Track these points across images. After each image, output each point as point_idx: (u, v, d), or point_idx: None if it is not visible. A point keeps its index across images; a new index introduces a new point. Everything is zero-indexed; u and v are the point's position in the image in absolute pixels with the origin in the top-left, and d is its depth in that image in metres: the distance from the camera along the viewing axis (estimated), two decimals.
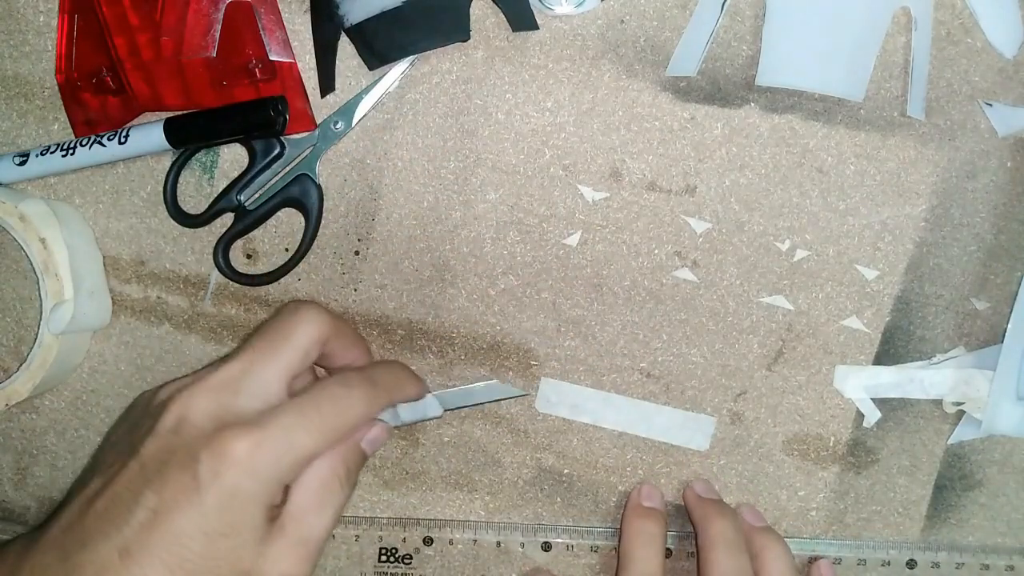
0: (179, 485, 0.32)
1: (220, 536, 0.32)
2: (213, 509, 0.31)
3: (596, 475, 0.43)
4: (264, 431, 0.32)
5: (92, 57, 0.41)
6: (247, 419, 0.33)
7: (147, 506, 0.32)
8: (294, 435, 0.33)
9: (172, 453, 0.32)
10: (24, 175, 0.42)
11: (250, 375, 0.34)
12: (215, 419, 0.33)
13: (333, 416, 0.34)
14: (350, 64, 0.41)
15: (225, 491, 0.32)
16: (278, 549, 0.33)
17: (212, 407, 0.33)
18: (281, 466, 0.33)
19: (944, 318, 0.41)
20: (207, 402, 0.33)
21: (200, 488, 0.31)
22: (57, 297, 0.41)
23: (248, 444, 0.32)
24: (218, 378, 0.34)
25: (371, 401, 0.36)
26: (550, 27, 0.40)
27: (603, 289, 0.42)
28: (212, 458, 0.32)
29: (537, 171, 0.41)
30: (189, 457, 0.32)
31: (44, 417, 0.45)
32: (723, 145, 0.41)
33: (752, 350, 0.42)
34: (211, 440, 0.32)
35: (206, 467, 0.32)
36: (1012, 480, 0.42)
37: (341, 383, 0.35)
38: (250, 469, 0.32)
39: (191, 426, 0.33)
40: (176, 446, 0.32)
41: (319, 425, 0.34)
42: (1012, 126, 0.39)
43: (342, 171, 0.42)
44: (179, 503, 0.31)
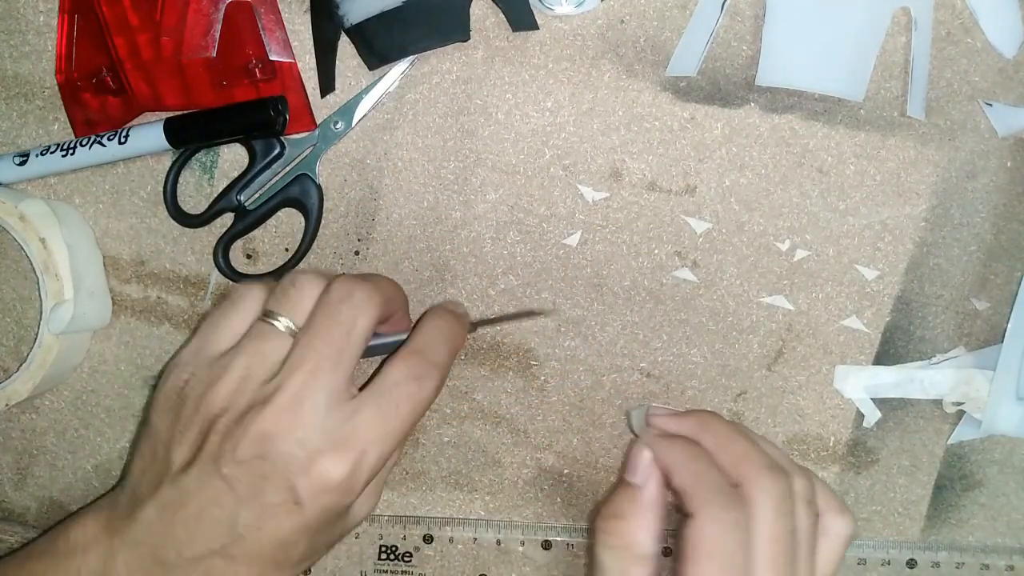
0: (278, 505, 0.33)
1: (319, 533, 0.34)
2: (314, 521, 0.33)
3: (596, 475, 0.43)
4: (356, 450, 0.33)
5: (92, 57, 0.41)
6: (334, 437, 0.33)
7: (246, 523, 0.33)
8: (383, 444, 0.34)
9: (264, 479, 0.33)
10: (24, 175, 0.42)
11: (320, 386, 0.33)
12: (301, 443, 0.33)
13: (411, 414, 0.35)
14: (350, 64, 0.41)
15: (327, 509, 0.33)
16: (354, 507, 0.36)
17: (294, 431, 0.33)
18: (374, 473, 0.34)
19: (944, 318, 0.41)
20: (287, 426, 0.33)
21: (303, 509, 0.33)
22: (57, 297, 0.41)
23: (345, 469, 0.33)
24: (288, 396, 0.33)
25: (440, 387, 0.36)
26: (550, 27, 0.40)
27: (603, 289, 0.42)
28: (311, 485, 0.33)
29: (537, 171, 0.41)
30: (285, 484, 0.33)
31: (44, 417, 0.45)
32: (723, 145, 0.41)
33: (752, 350, 0.42)
34: (307, 469, 0.33)
35: (305, 492, 0.33)
36: (1012, 480, 0.42)
37: (413, 377, 0.35)
38: (348, 489, 0.33)
39: (279, 454, 0.33)
40: (267, 472, 0.33)
41: (402, 427, 0.34)
42: (1012, 126, 0.39)
43: (342, 171, 0.42)
44: (280, 518, 0.33)
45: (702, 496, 0.33)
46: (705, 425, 0.37)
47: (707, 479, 0.34)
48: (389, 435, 0.34)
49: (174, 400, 0.35)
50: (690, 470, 0.34)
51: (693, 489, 0.33)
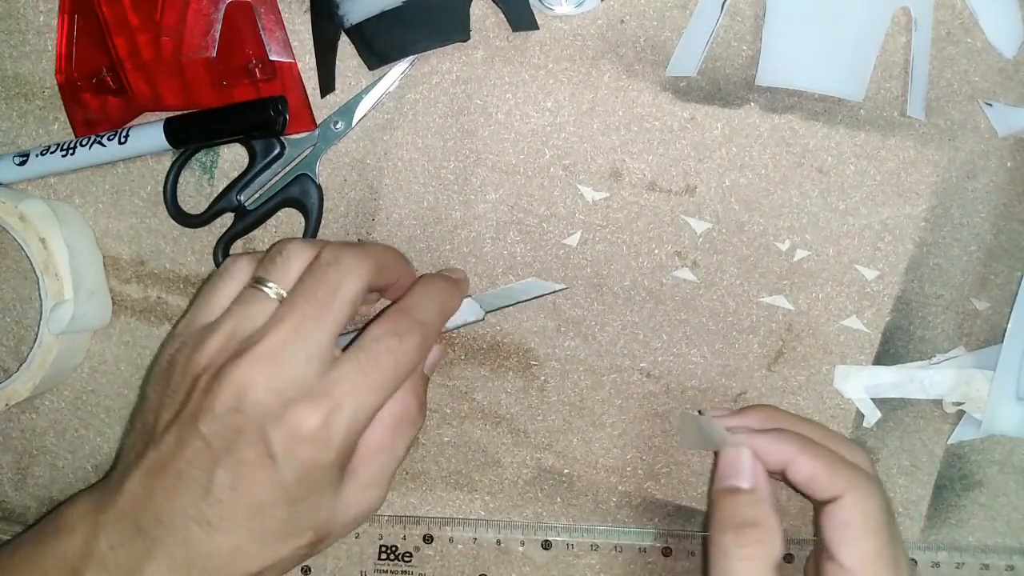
0: (254, 463, 0.32)
1: (300, 500, 0.33)
2: (292, 481, 0.32)
3: (596, 475, 0.43)
4: (331, 401, 0.32)
5: (92, 57, 0.41)
6: (310, 388, 0.32)
7: (223, 483, 0.32)
8: (361, 397, 0.33)
9: (239, 432, 0.32)
10: (24, 175, 0.42)
11: (301, 340, 0.33)
12: (277, 393, 0.32)
13: (393, 369, 0.34)
14: (350, 64, 0.41)
15: (302, 464, 0.32)
16: (352, 493, 0.34)
17: (270, 381, 0.32)
18: (353, 429, 0.33)
19: (944, 318, 0.41)
20: (264, 377, 0.32)
21: (277, 464, 0.32)
22: (57, 297, 0.41)
23: (318, 418, 0.32)
24: (268, 347, 0.33)
25: (424, 344, 0.35)
26: (550, 27, 0.40)
27: (603, 289, 0.42)
28: (284, 436, 0.32)
29: (537, 171, 0.41)
30: (259, 436, 0.32)
31: (44, 417, 0.45)
32: (723, 145, 0.41)
33: (752, 350, 0.42)
34: (280, 418, 0.32)
35: (279, 445, 0.32)
36: (1012, 480, 0.42)
37: (393, 332, 0.34)
38: (324, 441, 0.32)
39: (253, 404, 0.32)
40: (241, 425, 0.32)
41: (381, 381, 0.34)
42: (1012, 126, 0.39)
43: (342, 171, 0.42)
44: (256, 478, 0.32)
45: (844, 477, 0.34)
46: (776, 416, 0.38)
47: (837, 461, 0.35)
48: (367, 389, 0.33)
49: (164, 368, 0.35)
50: (816, 456, 0.34)
51: (831, 473, 0.34)
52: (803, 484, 0.35)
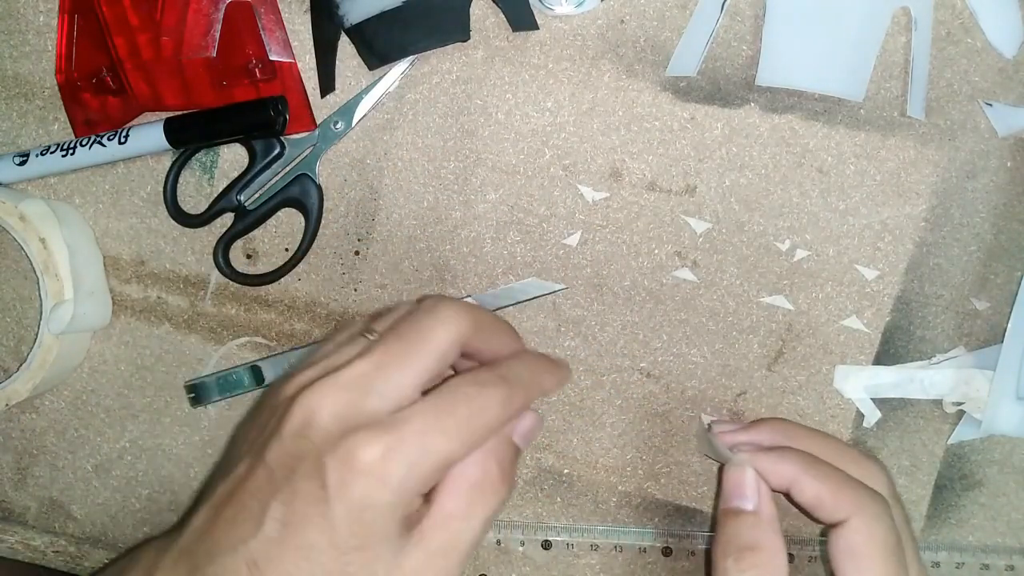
0: (307, 496, 0.29)
1: (352, 550, 0.29)
2: (343, 522, 0.29)
3: (596, 475, 0.43)
4: (394, 435, 0.30)
5: (92, 57, 0.41)
6: (376, 421, 0.30)
7: (275, 517, 0.29)
8: (428, 439, 0.30)
9: (299, 460, 0.30)
10: (24, 175, 0.42)
11: (382, 375, 0.31)
12: (342, 420, 0.30)
13: (468, 417, 0.31)
14: (350, 64, 0.41)
15: (354, 502, 0.29)
16: (417, 560, 0.30)
17: (339, 407, 0.30)
18: (415, 473, 0.30)
19: (944, 318, 0.41)
20: (334, 402, 0.30)
21: (328, 499, 0.29)
22: (57, 297, 0.41)
23: (377, 450, 0.29)
24: (347, 376, 0.31)
25: (507, 400, 0.32)
26: (550, 27, 0.40)
27: (603, 289, 0.42)
28: (339, 466, 0.29)
29: (537, 171, 0.41)
30: (316, 465, 0.29)
31: (44, 417, 0.45)
32: (723, 145, 0.41)
33: (752, 350, 0.42)
34: (337, 446, 0.29)
35: (333, 476, 0.29)
36: (1012, 480, 0.42)
37: (474, 382, 0.32)
38: (381, 477, 0.29)
39: (317, 429, 0.30)
40: (303, 451, 0.30)
41: (454, 427, 0.31)
42: (1012, 126, 0.39)
43: (342, 171, 0.42)
44: (308, 515, 0.29)
45: (850, 500, 0.32)
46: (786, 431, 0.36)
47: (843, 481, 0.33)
48: (437, 431, 0.30)
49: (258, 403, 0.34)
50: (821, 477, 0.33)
51: (836, 495, 0.32)
52: (808, 506, 0.34)
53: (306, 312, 0.43)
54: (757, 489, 0.34)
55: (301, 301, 0.43)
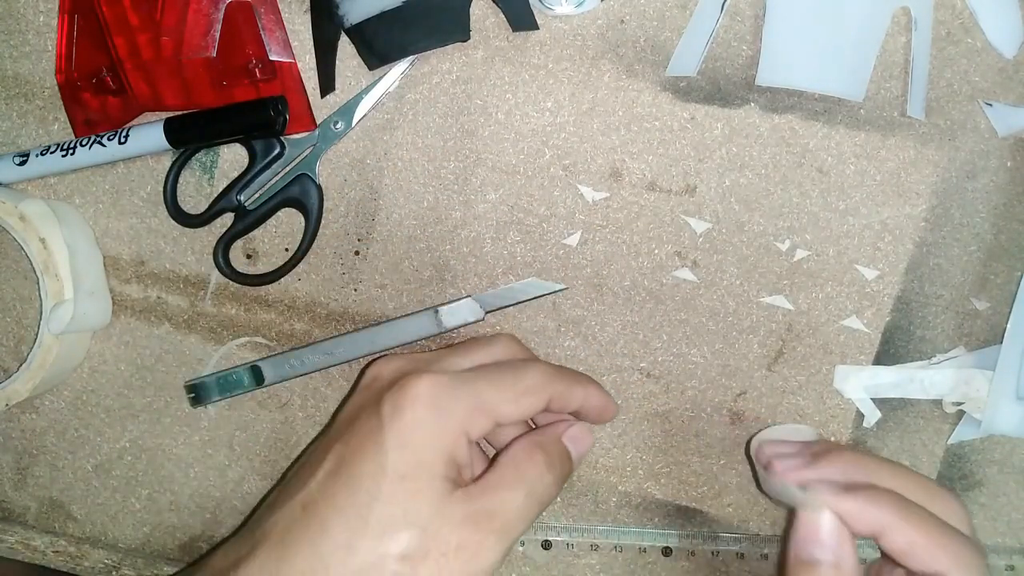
0: (364, 430, 0.32)
1: (398, 478, 0.30)
2: (393, 447, 0.31)
3: (596, 475, 0.43)
4: (448, 376, 0.33)
5: (92, 57, 0.41)
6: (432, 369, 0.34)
7: (333, 457, 0.32)
8: (477, 385, 0.33)
9: (361, 408, 0.33)
10: (24, 175, 0.42)
11: (445, 358, 0.36)
12: (404, 373, 0.33)
13: (513, 375, 0.34)
14: (350, 64, 0.41)
15: (405, 425, 0.31)
16: (460, 511, 0.31)
17: (403, 366, 0.34)
18: (462, 409, 0.32)
19: (944, 318, 0.41)
20: (398, 365, 0.35)
21: (383, 427, 0.31)
22: (57, 297, 0.41)
23: (430, 382, 0.32)
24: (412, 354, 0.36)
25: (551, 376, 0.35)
26: (550, 27, 0.40)
27: (603, 289, 0.42)
28: (394, 396, 0.32)
29: (537, 171, 0.41)
30: (374, 403, 0.32)
31: (44, 417, 0.45)
32: (723, 145, 0.41)
33: (752, 350, 0.42)
34: (395, 383, 0.33)
35: (387, 406, 0.32)
36: (1012, 480, 0.42)
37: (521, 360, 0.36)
38: (431, 404, 0.31)
39: (380, 380, 0.34)
40: (365, 399, 0.34)
41: (500, 380, 0.33)
42: (1012, 126, 0.39)
43: (342, 171, 0.42)
44: (363, 446, 0.31)
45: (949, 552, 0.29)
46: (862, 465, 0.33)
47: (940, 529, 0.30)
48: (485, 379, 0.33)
49: None
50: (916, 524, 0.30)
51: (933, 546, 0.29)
52: (895, 554, 0.30)
53: (306, 312, 0.43)
54: (838, 537, 0.30)
55: (301, 301, 0.43)
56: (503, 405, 0.33)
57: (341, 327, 0.43)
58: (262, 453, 0.45)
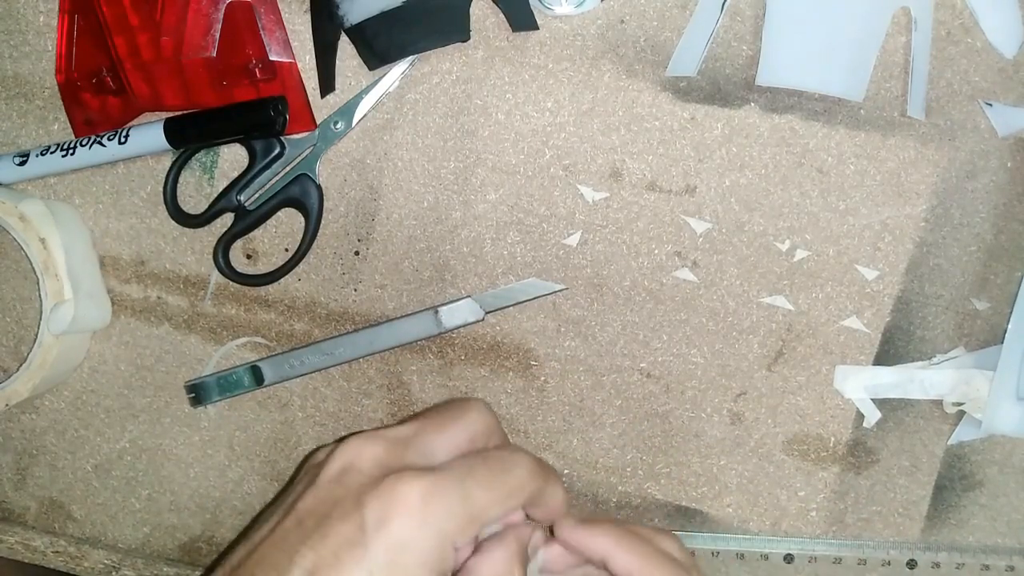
0: (342, 539, 0.28)
1: None
2: (380, 564, 0.27)
3: (596, 475, 0.43)
4: (437, 477, 0.29)
5: (92, 57, 0.41)
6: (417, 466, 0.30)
7: (303, 566, 0.27)
8: (467, 486, 0.29)
9: (334, 504, 0.29)
10: (24, 175, 0.42)
11: (421, 437, 0.31)
12: (384, 466, 0.29)
13: (502, 473, 0.31)
14: (350, 64, 0.41)
15: (394, 541, 0.28)
16: None
17: (380, 455, 0.30)
18: (454, 519, 0.29)
19: (944, 318, 0.41)
20: (374, 451, 0.30)
21: (366, 540, 0.27)
22: (57, 297, 0.41)
23: (421, 488, 0.28)
24: (389, 433, 0.31)
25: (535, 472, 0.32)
26: (550, 27, 0.40)
27: (603, 289, 0.42)
28: (380, 503, 0.28)
29: (537, 171, 0.41)
30: (354, 505, 0.28)
31: (44, 417, 0.45)
32: (723, 145, 0.41)
33: (752, 350, 0.42)
34: (379, 484, 0.28)
35: (373, 514, 0.28)
36: (1012, 480, 0.42)
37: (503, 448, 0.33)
38: (422, 517, 0.28)
39: (357, 473, 0.29)
40: (339, 496, 0.29)
41: (490, 481, 0.30)
42: (1012, 126, 0.39)
43: (342, 171, 0.42)
44: (341, 559, 0.27)
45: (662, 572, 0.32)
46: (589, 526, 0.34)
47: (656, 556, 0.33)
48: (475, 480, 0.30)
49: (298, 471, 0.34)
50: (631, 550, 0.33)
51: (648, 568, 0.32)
52: None
53: (306, 312, 0.43)
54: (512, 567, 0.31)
55: (301, 301, 0.43)
56: (492, 509, 0.30)
57: (341, 327, 0.43)
58: (262, 453, 0.45)
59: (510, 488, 0.31)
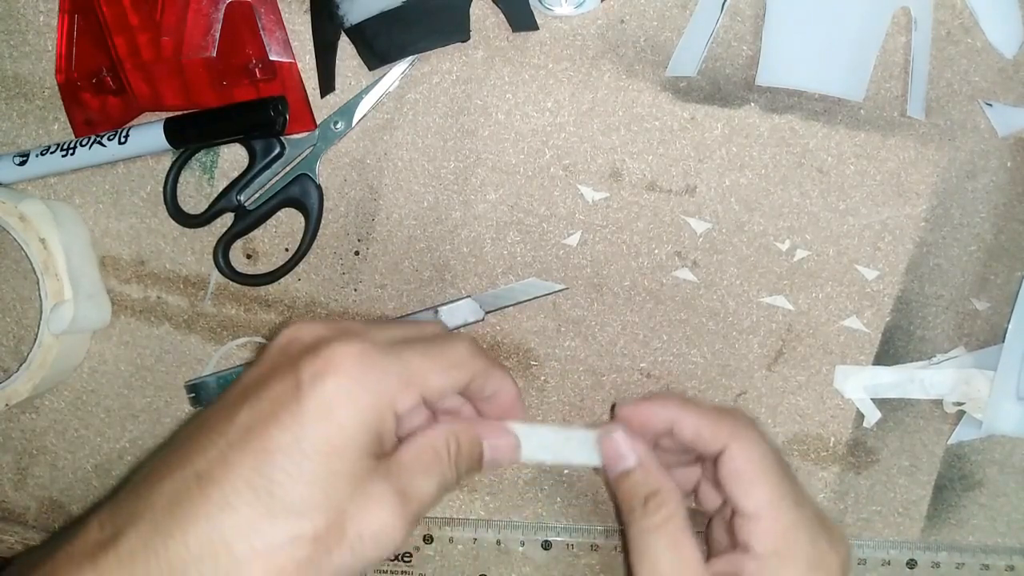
0: (278, 395, 0.28)
1: (317, 455, 0.27)
2: (313, 418, 0.28)
3: (596, 475, 0.43)
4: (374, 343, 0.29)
5: (92, 57, 0.41)
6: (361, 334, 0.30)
7: (239, 424, 0.28)
8: (404, 353, 0.30)
9: (275, 369, 0.29)
10: (24, 175, 0.42)
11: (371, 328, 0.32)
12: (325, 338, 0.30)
13: (442, 345, 0.31)
14: (350, 64, 0.41)
15: (327, 397, 0.28)
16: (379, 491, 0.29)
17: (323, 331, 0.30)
18: (390, 382, 0.29)
19: (944, 318, 0.41)
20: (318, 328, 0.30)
21: (300, 397, 0.28)
22: (57, 297, 0.41)
23: (356, 350, 0.29)
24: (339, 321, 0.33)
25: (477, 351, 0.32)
26: (550, 27, 0.40)
27: (603, 289, 0.42)
28: (315, 363, 0.28)
29: (537, 171, 0.41)
30: (291, 367, 0.29)
31: (44, 417, 0.45)
32: (723, 145, 0.41)
33: (752, 350, 0.42)
34: (317, 347, 0.29)
35: (308, 373, 0.28)
36: (1012, 480, 0.42)
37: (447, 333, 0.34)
38: (357, 375, 0.28)
39: (299, 343, 0.30)
40: (280, 362, 0.30)
41: (428, 350, 0.31)
42: (1012, 126, 0.39)
43: (342, 171, 0.42)
44: (275, 414, 0.28)
45: (727, 428, 0.34)
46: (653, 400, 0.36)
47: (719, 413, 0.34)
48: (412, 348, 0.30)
49: None
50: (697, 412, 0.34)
51: (714, 425, 0.34)
52: (690, 442, 0.34)
53: (306, 312, 0.43)
54: (633, 443, 0.34)
55: (301, 301, 0.43)
56: (431, 377, 0.30)
57: None
58: None
59: (449, 360, 0.31)
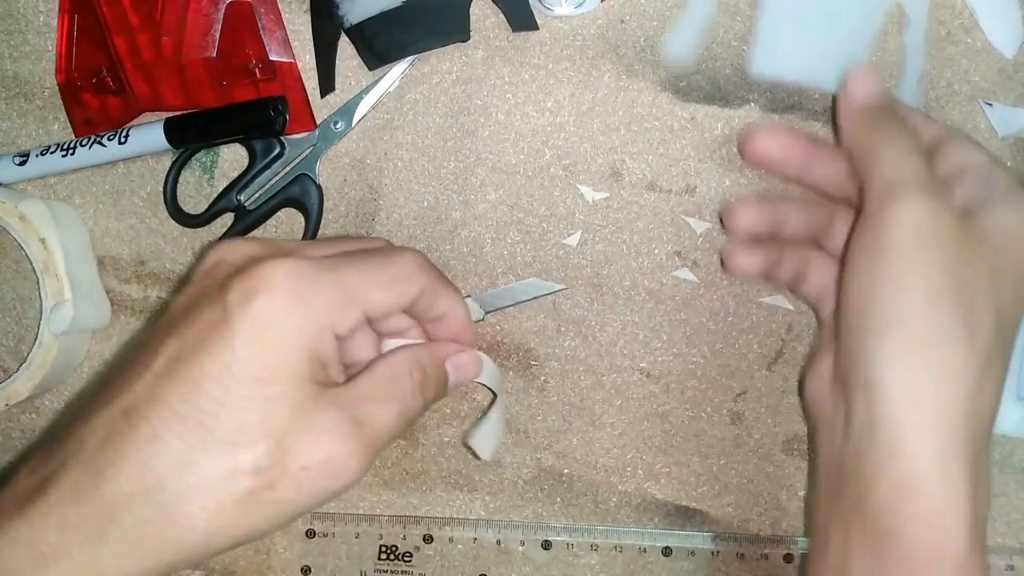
0: (205, 322, 0.26)
1: (250, 380, 0.26)
2: (243, 342, 0.26)
3: (596, 475, 0.43)
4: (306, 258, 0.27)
5: (92, 57, 0.41)
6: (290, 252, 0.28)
7: (166, 354, 0.26)
8: (342, 268, 0.28)
9: (202, 295, 0.27)
10: (24, 175, 0.42)
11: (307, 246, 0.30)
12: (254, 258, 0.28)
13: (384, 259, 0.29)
14: (350, 64, 0.41)
15: (257, 317, 0.26)
16: (326, 419, 0.27)
17: (255, 249, 0.28)
18: (327, 299, 0.27)
19: None
20: (248, 247, 0.28)
21: (229, 318, 0.26)
22: (57, 297, 0.41)
23: (287, 268, 0.26)
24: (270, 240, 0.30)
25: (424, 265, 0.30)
26: (550, 27, 0.40)
27: (603, 289, 0.42)
28: (243, 284, 0.26)
29: (537, 171, 0.41)
30: (219, 291, 0.27)
31: (44, 417, 0.45)
32: (723, 145, 0.41)
33: (752, 350, 0.42)
34: (245, 268, 0.27)
35: (236, 295, 0.26)
36: (1012, 480, 0.42)
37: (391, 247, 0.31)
38: (290, 292, 0.26)
39: (228, 264, 0.28)
40: (207, 286, 0.27)
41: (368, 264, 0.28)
42: (1012, 126, 0.39)
43: (342, 171, 0.42)
44: (204, 342, 0.26)
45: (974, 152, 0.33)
46: None
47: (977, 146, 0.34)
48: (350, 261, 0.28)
49: None
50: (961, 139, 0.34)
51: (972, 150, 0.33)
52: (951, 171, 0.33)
53: None
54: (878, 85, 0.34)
55: None
56: (374, 292, 0.28)
57: None
58: None
59: (392, 275, 0.29)
